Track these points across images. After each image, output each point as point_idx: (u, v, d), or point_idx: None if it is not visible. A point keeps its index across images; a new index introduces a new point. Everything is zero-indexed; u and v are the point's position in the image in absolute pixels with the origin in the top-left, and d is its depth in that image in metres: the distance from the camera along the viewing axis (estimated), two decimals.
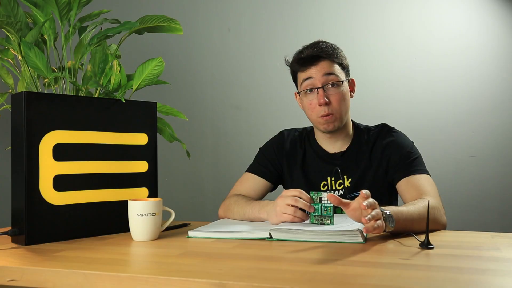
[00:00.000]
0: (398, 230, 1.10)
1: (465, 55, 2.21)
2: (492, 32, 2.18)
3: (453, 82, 2.21)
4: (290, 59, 1.47)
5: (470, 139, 2.20)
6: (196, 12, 2.47)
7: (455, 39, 2.22)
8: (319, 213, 1.16)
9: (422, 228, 1.04)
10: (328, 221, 1.16)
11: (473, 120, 2.20)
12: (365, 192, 1.03)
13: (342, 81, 1.39)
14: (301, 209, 1.17)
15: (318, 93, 1.38)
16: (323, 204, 1.16)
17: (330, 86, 1.38)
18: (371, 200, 1.03)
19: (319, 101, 1.37)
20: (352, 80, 1.48)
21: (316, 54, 1.39)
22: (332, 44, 1.43)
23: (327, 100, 1.37)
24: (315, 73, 1.38)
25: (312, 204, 1.17)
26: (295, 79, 1.48)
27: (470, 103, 2.20)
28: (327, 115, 1.38)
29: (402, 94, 2.26)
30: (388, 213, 1.06)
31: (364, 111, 2.24)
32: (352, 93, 1.47)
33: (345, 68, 1.43)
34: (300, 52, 1.44)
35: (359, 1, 2.31)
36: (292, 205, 1.16)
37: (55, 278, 0.84)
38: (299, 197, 1.17)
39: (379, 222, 1.02)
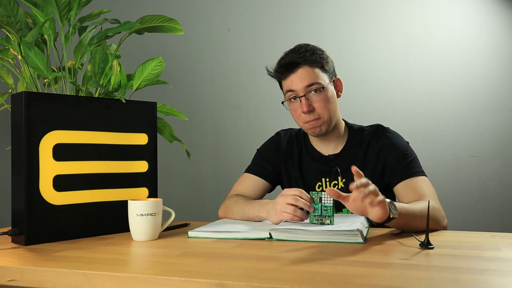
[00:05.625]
0: (400, 225, 1.10)
1: (465, 55, 2.21)
2: (491, 32, 2.18)
3: (453, 82, 2.21)
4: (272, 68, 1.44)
5: (470, 139, 2.20)
6: (196, 12, 2.47)
7: (455, 39, 2.22)
8: (319, 213, 1.16)
9: (423, 224, 1.04)
10: (328, 221, 1.16)
11: (473, 120, 2.20)
12: (355, 168, 1.02)
13: (323, 87, 1.36)
14: (301, 208, 1.17)
15: (301, 101, 1.36)
16: (323, 204, 1.16)
17: (312, 92, 1.35)
18: (364, 180, 1.02)
19: (302, 110, 1.35)
20: (338, 79, 1.44)
21: (294, 61, 1.35)
22: (312, 47, 1.39)
23: (310, 107, 1.35)
24: (295, 82, 1.36)
25: (312, 204, 1.17)
26: (281, 87, 1.45)
27: (470, 103, 2.20)
28: (313, 120, 1.37)
29: (402, 94, 2.26)
30: (389, 200, 1.06)
31: (363, 111, 2.25)
32: (339, 93, 1.44)
33: (327, 70, 1.39)
34: (281, 59, 1.41)
35: (359, 1, 2.31)
36: (292, 204, 1.16)
37: (55, 278, 0.84)
38: (300, 197, 1.17)
39: (380, 197, 1.01)
